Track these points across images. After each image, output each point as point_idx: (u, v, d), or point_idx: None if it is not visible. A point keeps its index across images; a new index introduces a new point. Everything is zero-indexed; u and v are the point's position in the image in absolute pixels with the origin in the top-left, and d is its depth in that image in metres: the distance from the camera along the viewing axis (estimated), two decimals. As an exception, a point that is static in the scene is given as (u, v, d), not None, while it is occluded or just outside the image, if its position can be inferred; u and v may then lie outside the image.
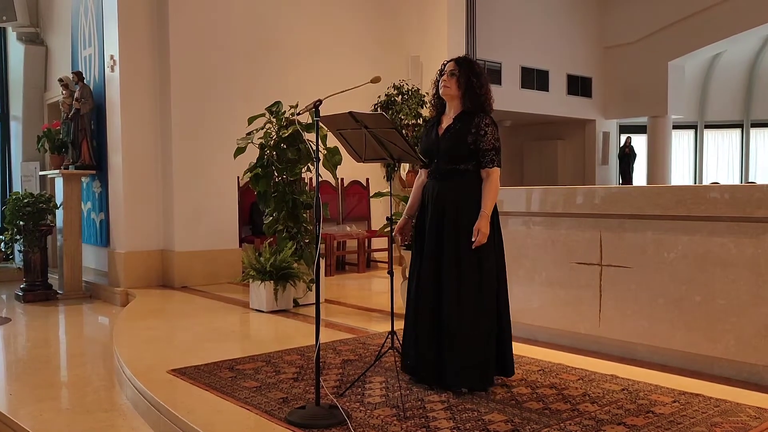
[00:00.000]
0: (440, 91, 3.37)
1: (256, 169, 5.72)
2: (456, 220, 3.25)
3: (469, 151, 3.26)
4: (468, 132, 3.26)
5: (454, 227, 3.25)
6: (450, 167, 3.30)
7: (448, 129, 3.34)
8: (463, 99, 3.32)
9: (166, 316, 5.72)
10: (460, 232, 3.23)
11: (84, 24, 7.80)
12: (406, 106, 8.64)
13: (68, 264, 7.11)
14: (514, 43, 12.32)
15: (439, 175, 3.35)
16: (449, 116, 3.38)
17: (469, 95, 3.30)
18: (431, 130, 3.44)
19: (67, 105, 7.41)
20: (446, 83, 3.33)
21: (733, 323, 3.51)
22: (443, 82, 3.34)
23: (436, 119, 3.45)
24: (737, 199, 3.48)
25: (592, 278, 4.09)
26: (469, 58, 3.43)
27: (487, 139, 3.25)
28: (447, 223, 3.27)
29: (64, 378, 4.41)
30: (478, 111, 3.30)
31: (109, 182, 7.18)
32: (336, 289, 6.70)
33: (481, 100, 3.31)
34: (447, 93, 3.34)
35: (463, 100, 3.32)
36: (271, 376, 3.56)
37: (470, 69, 3.33)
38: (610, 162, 15.59)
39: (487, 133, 3.25)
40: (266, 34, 8.07)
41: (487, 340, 3.25)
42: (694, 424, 2.80)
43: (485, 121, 3.27)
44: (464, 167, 3.28)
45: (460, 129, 3.29)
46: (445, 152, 3.30)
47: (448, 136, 3.31)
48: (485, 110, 3.32)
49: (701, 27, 14.01)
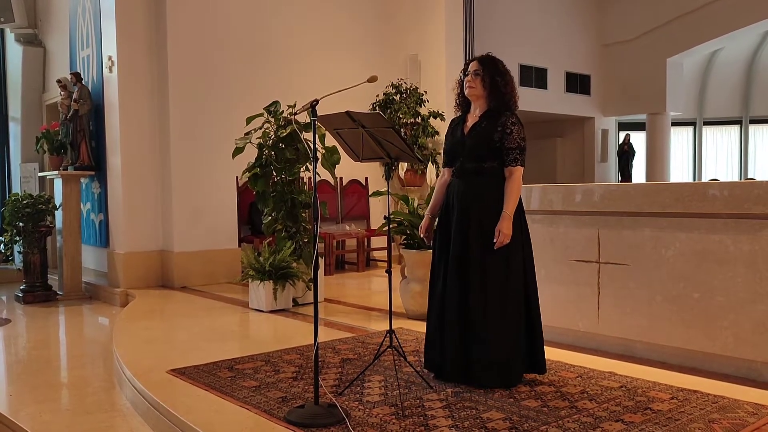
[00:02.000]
0: (465, 91, 3.39)
1: (254, 169, 5.72)
2: (481, 218, 3.27)
3: (494, 150, 3.27)
4: (494, 130, 3.28)
5: (479, 226, 3.27)
6: (475, 165, 3.31)
7: (473, 127, 3.35)
8: (489, 98, 3.33)
9: (166, 317, 5.73)
10: (485, 231, 3.25)
11: (82, 25, 7.80)
12: (405, 105, 8.63)
13: (68, 265, 7.12)
14: (513, 41, 12.31)
15: (463, 173, 3.36)
16: (474, 115, 3.40)
17: (494, 94, 3.32)
18: (456, 128, 3.46)
19: (65, 106, 7.41)
20: (471, 83, 3.34)
21: (731, 320, 3.52)
22: (468, 83, 3.35)
23: (461, 118, 3.47)
24: (735, 196, 3.49)
25: (590, 276, 4.09)
26: (492, 56, 3.41)
27: (512, 138, 3.26)
28: (472, 222, 3.29)
29: (64, 379, 4.41)
30: (503, 110, 3.31)
31: (108, 183, 7.19)
32: (335, 289, 6.71)
33: (506, 98, 3.33)
34: (472, 93, 3.36)
35: (489, 99, 3.34)
36: (271, 375, 3.57)
37: (494, 68, 3.34)
38: (609, 159, 15.58)
39: (513, 132, 3.27)
40: (264, 34, 8.07)
41: (513, 339, 3.27)
42: (691, 421, 2.81)
43: (512, 119, 3.29)
44: (489, 165, 3.29)
45: (486, 127, 3.31)
46: (470, 150, 3.32)
47: (474, 135, 3.33)
48: (510, 108, 3.34)
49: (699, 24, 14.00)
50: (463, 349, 3.30)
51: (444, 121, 8.76)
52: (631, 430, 2.71)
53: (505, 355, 3.27)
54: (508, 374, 3.28)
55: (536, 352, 3.38)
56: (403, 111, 8.57)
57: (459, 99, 3.48)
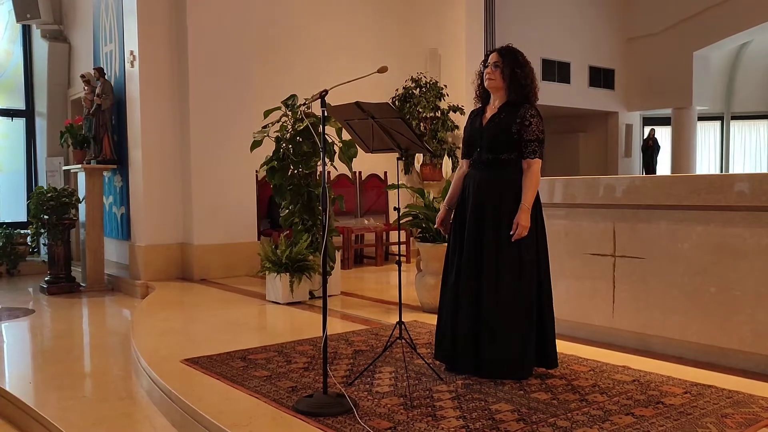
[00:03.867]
0: (485, 83, 3.37)
1: (271, 162, 5.76)
2: (497, 210, 3.26)
3: (512, 141, 3.26)
4: (513, 122, 3.26)
5: (495, 218, 3.26)
6: (493, 157, 3.30)
7: (492, 118, 3.34)
8: (508, 90, 3.32)
9: (184, 308, 5.80)
10: (501, 223, 3.24)
11: (105, 20, 7.91)
12: (424, 98, 8.62)
13: (91, 257, 7.24)
14: (534, 34, 12.20)
15: (481, 164, 3.35)
16: (494, 106, 3.38)
17: (514, 86, 3.30)
18: (475, 119, 3.45)
19: (88, 101, 7.52)
20: (490, 75, 3.33)
21: (749, 314, 3.46)
22: (488, 74, 3.34)
23: (481, 109, 3.46)
24: (752, 188, 3.42)
25: (605, 269, 4.05)
26: (512, 47, 3.38)
27: (531, 130, 3.25)
28: (488, 214, 3.28)
29: (85, 368, 4.50)
30: (523, 101, 3.30)
31: (130, 176, 7.29)
32: (353, 282, 6.72)
33: (526, 90, 3.31)
34: (492, 85, 3.34)
35: (508, 91, 3.32)
36: (282, 365, 3.60)
37: (514, 60, 3.32)
38: (633, 155, 15.38)
39: (532, 124, 3.25)
40: (284, 30, 8.11)
41: (526, 332, 3.26)
42: (703, 415, 2.77)
43: (531, 111, 3.27)
44: (507, 157, 3.28)
45: (504, 118, 3.29)
46: (488, 141, 3.31)
47: (492, 126, 3.32)
48: (530, 101, 3.32)
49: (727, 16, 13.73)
50: (475, 341, 3.29)
51: (464, 115, 8.73)
52: (641, 423, 2.68)
53: (517, 348, 3.26)
54: (519, 367, 3.27)
55: (547, 347, 3.35)
56: (423, 105, 8.56)
57: (479, 90, 3.47)
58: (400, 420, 2.73)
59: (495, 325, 3.24)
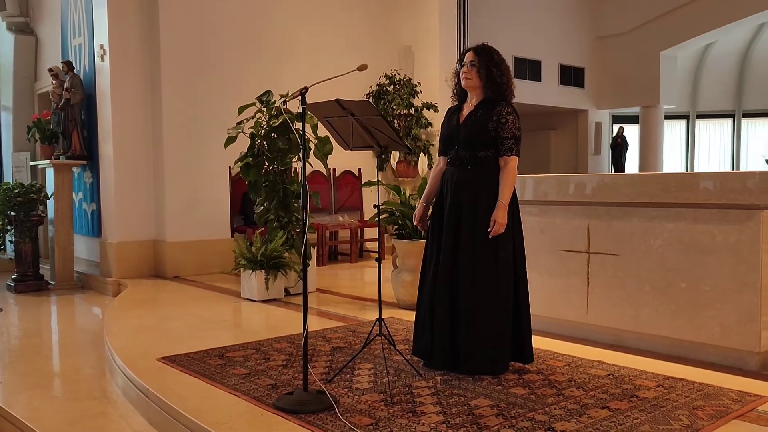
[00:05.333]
0: (462, 82, 3.40)
1: (246, 159, 5.72)
2: (474, 207, 3.30)
3: (489, 139, 3.29)
4: (489, 119, 3.29)
5: (472, 215, 3.29)
6: (470, 154, 3.33)
7: (469, 116, 3.37)
8: (485, 88, 3.35)
9: (158, 306, 5.74)
10: (477, 220, 3.27)
11: (73, 13, 7.76)
12: (398, 95, 8.63)
13: (60, 254, 7.11)
14: (507, 32, 12.29)
15: (458, 161, 3.38)
16: (471, 104, 3.41)
17: (490, 85, 3.33)
18: (453, 116, 3.47)
19: (57, 95, 7.38)
20: (467, 74, 3.36)
21: (718, 309, 3.55)
22: (464, 74, 3.37)
23: (458, 106, 3.49)
24: (721, 186, 3.51)
25: (580, 266, 4.12)
26: (487, 46, 3.41)
27: (507, 127, 3.28)
28: (465, 211, 3.31)
29: (55, 367, 4.42)
30: (499, 99, 3.33)
31: (101, 172, 7.17)
32: (328, 279, 6.72)
33: (502, 88, 3.34)
34: (468, 84, 3.37)
35: (485, 89, 3.35)
36: (261, 363, 3.59)
37: (489, 58, 3.34)
38: (602, 152, 15.62)
39: (509, 122, 3.29)
40: (258, 25, 8.04)
41: (503, 328, 3.30)
42: (676, 408, 2.84)
43: (507, 109, 3.31)
44: (484, 154, 3.31)
45: (481, 116, 3.33)
46: (465, 139, 3.34)
47: (470, 123, 3.35)
48: (506, 98, 3.35)
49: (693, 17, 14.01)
50: (453, 337, 3.33)
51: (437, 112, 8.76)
52: (617, 416, 2.74)
53: (494, 344, 3.30)
54: (496, 362, 3.32)
55: (523, 342, 3.40)
56: (397, 102, 8.57)
57: (456, 89, 3.49)
58: (381, 416, 2.74)
59: (472, 321, 3.28)
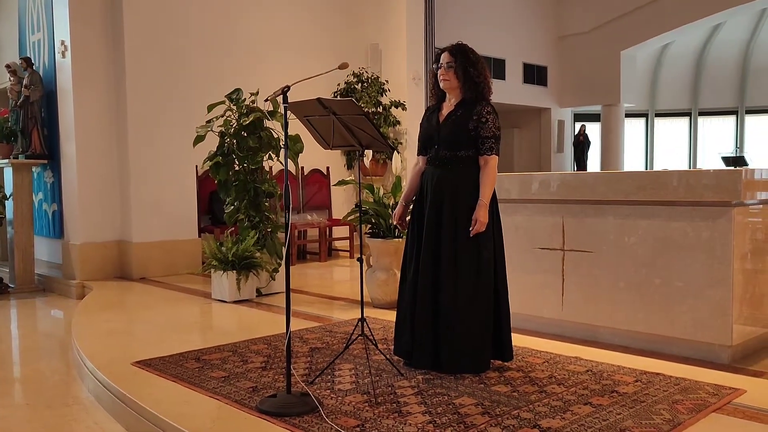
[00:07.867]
0: (440, 84, 3.39)
1: (216, 158, 5.63)
2: (455, 207, 3.29)
3: (469, 138, 3.29)
4: (469, 119, 3.29)
5: (453, 214, 3.29)
6: (450, 154, 3.33)
7: (449, 116, 3.36)
8: (463, 89, 3.34)
9: (126, 308, 5.61)
10: (458, 219, 3.27)
11: (32, 8, 7.52)
12: (366, 93, 8.61)
13: (20, 256, 6.89)
14: (472, 31, 12.39)
15: (438, 161, 3.37)
16: (450, 104, 3.40)
17: (468, 85, 3.33)
18: (432, 116, 3.46)
19: (15, 92, 7.14)
20: (444, 76, 3.35)
21: (690, 304, 3.63)
22: (442, 76, 3.36)
23: (437, 106, 3.47)
24: (693, 184, 3.58)
25: (555, 263, 4.16)
26: (462, 45, 3.40)
27: (488, 127, 3.29)
28: (446, 210, 3.31)
29: (21, 374, 4.27)
30: (479, 98, 3.33)
31: (63, 172, 6.97)
32: (298, 279, 6.66)
33: (480, 87, 3.34)
34: (447, 86, 3.36)
35: (463, 89, 3.35)
36: (239, 365, 3.53)
37: (465, 58, 3.34)
38: (565, 150, 15.88)
39: (489, 121, 3.29)
40: (225, 23, 7.93)
41: (483, 327, 3.31)
42: (656, 402, 2.89)
43: (487, 108, 3.32)
44: (464, 154, 3.31)
45: (461, 116, 3.32)
46: (445, 139, 3.33)
47: (449, 123, 3.34)
48: (485, 97, 3.36)
49: (651, 17, 14.34)
50: (434, 336, 3.32)
51: (406, 110, 8.77)
52: (600, 412, 2.77)
53: (475, 343, 3.30)
54: (477, 361, 3.32)
55: (503, 340, 3.42)
56: (365, 100, 8.55)
57: (434, 90, 3.49)
58: (367, 417, 2.72)
59: (453, 319, 3.28)
